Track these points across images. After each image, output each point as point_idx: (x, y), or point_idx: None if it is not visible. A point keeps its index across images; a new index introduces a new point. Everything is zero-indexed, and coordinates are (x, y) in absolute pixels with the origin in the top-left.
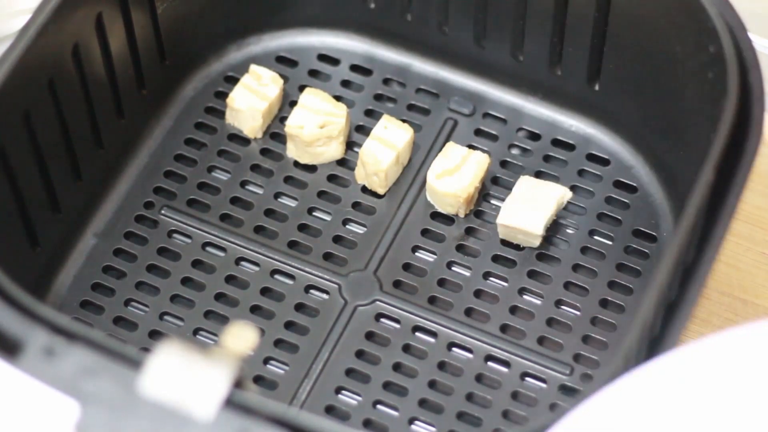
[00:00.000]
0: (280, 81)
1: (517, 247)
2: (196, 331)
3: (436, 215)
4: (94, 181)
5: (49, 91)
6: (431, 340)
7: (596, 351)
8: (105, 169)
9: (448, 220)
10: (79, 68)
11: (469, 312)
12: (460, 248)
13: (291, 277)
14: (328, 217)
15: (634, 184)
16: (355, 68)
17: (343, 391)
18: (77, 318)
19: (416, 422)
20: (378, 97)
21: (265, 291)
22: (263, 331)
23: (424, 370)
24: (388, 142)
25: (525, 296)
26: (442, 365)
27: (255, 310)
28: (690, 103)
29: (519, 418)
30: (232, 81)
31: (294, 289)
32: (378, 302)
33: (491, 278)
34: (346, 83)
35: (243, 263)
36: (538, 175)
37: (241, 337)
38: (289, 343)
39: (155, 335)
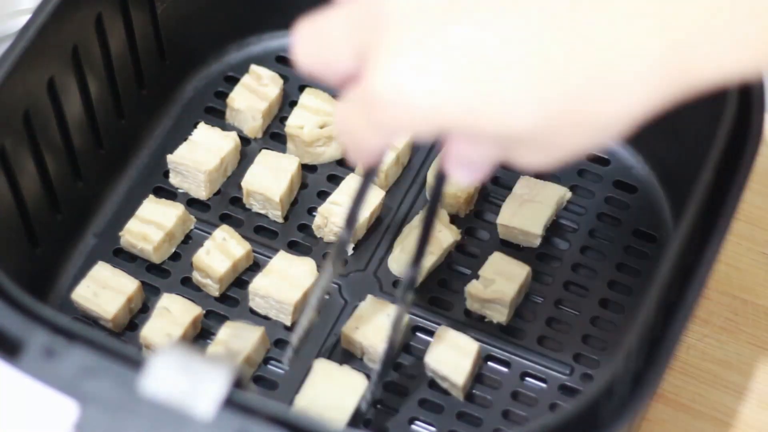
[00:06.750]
0: (280, 81)
1: (517, 247)
2: None
3: None
4: (94, 181)
5: (49, 91)
6: (431, 340)
7: (596, 351)
8: (105, 169)
9: None
10: (79, 68)
11: (469, 312)
12: (460, 248)
13: None
14: None
15: (634, 184)
16: None
17: None
18: (77, 318)
19: (416, 422)
20: None
21: None
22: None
23: (425, 370)
24: None
25: (525, 296)
26: None
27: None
28: (690, 103)
29: (519, 418)
30: (232, 81)
31: None
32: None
33: None
34: None
35: None
36: (538, 175)
37: (241, 337)
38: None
39: None
